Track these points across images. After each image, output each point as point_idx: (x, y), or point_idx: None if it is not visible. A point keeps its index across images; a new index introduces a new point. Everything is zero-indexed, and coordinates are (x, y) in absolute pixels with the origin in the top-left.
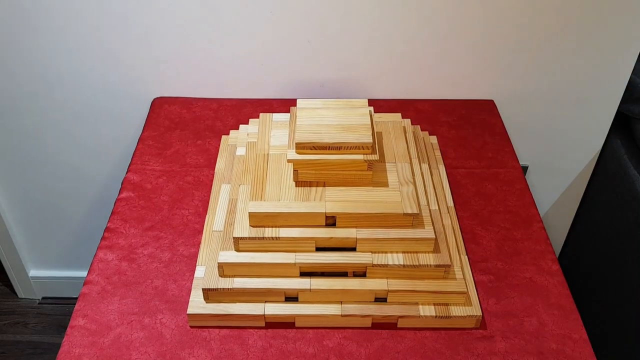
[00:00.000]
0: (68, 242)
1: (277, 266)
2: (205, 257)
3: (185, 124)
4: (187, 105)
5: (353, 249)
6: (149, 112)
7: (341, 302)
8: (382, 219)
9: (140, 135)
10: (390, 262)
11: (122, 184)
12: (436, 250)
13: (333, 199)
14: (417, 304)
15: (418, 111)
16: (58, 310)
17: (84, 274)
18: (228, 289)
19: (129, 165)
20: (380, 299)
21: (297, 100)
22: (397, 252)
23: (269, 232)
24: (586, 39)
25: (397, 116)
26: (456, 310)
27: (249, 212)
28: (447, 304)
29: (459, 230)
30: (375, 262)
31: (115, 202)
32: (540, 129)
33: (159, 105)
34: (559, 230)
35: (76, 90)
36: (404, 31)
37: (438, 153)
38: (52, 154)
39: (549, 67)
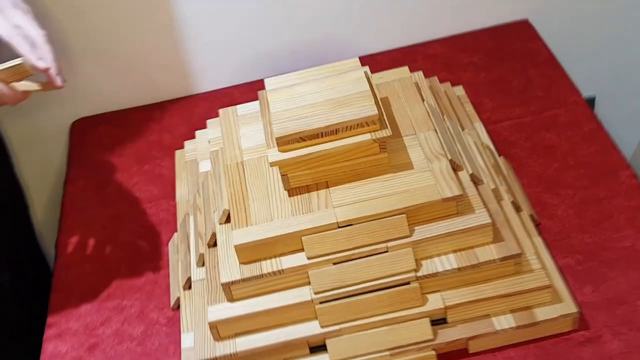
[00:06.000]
0: None
1: (290, 309)
2: (190, 319)
3: (122, 146)
4: (118, 121)
5: None
6: (69, 141)
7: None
8: (415, 213)
9: (66, 176)
10: (440, 269)
11: (56, 247)
12: (497, 238)
13: (343, 202)
14: (488, 316)
15: (429, 57)
16: None
17: None
18: (231, 354)
19: (60, 219)
20: (438, 321)
21: (265, 80)
22: (446, 254)
23: (267, 266)
24: None
25: (403, 71)
26: (543, 313)
27: (235, 246)
28: (528, 307)
29: (525, 204)
30: (420, 273)
31: (53, 274)
32: (599, 44)
33: (82, 128)
34: None
35: None
36: None
37: (470, 107)
38: None
39: None
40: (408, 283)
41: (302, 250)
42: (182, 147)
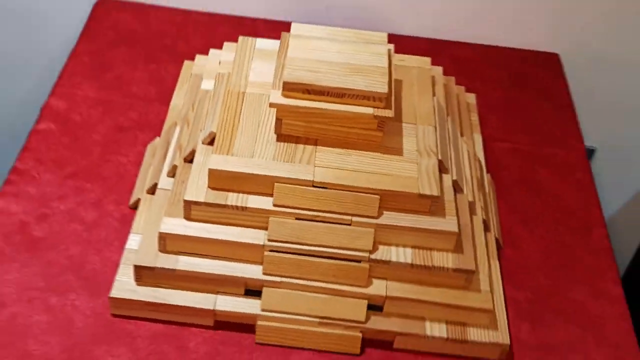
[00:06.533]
0: None
1: (240, 246)
2: (143, 222)
3: (135, 39)
4: (141, 14)
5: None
6: (88, 19)
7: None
8: (389, 198)
9: (73, 49)
10: (394, 259)
11: (41, 110)
12: (458, 249)
13: (325, 164)
14: (423, 319)
15: (455, 58)
16: None
17: None
18: (169, 269)
19: (54, 87)
20: (375, 307)
21: (292, 24)
22: (404, 246)
23: (233, 198)
24: None
25: (425, 61)
26: (475, 334)
27: (210, 169)
28: (464, 324)
29: (494, 227)
30: (373, 256)
31: (29, 135)
32: (618, 101)
33: (103, 10)
34: (627, 242)
35: None
36: None
37: (475, 117)
38: None
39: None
40: (359, 261)
41: (271, 195)
42: (192, 58)
